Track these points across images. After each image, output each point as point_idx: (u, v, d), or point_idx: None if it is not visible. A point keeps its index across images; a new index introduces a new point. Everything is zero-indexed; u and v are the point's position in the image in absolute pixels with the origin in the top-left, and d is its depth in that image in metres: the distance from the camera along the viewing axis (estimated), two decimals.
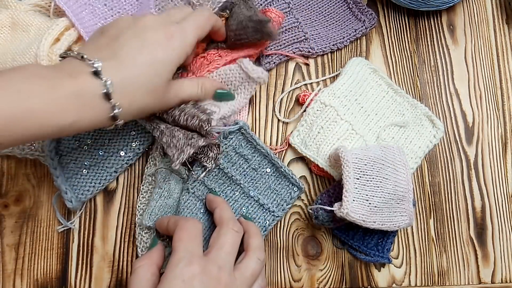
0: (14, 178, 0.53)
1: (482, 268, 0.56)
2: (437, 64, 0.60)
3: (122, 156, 0.51)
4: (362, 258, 0.53)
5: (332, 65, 0.59)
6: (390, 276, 0.55)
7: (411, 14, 0.61)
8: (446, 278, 0.55)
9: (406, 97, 0.57)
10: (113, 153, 0.51)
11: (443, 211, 0.57)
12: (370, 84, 0.56)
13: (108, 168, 0.51)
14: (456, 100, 0.59)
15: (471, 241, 0.56)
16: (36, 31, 0.50)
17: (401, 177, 0.48)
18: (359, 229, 0.52)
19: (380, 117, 0.56)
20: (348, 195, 0.46)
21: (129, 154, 0.52)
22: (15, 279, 0.51)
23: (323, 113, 0.54)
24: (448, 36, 0.61)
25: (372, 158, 0.48)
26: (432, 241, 0.56)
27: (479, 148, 0.58)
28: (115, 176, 0.52)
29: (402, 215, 0.49)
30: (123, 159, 0.52)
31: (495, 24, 0.62)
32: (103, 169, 0.51)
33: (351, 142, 0.54)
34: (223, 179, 0.52)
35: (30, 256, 0.52)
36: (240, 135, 0.52)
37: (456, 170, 0.58)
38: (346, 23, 0.60)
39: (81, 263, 0.52)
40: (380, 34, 0.60)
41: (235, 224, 0.44)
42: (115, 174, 0.52)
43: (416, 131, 0.56)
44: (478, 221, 0.57)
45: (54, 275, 0.52)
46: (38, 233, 0.52)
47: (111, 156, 0.51)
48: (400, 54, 0.60)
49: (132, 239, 0.52)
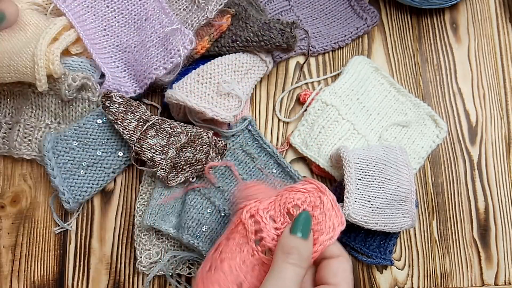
0: (11, 179, 0.53)
1: (485, 270, 0.55)
2: (440, 62, 0.60)
3: (120, 156, 0.51)
4: (364, 260, 0.53)
5: (334, 63, 0.58)
6: (392, 278, 0.54)
7: (414, 12, 0.61)
8: (449, 280, 0.55)
9: (409, 96, 0.56)
10: (111, 154, 0.51)
11: (446, 212, 0.56)
12: (372, 83, 0.56)
13: (106, 169, 0.51)
14: (460, 99, 0.59)
15: (474, 243, 0.56)
16: (34, 30, 0.50)
17: (404, 177, 0.48)
18: (361, 230, 0.52)
19: (382, 117, 0.55)
20: (350, 196, 0.45)
21: (128, 155, 0.51)
22: (12, 281, 0.51)
23: (324, 112, 0.54)
24: (451, 34, 0.61)
25: (374, 159, 0.47)
26: (435, 242, 0.55)
27: (482, 148, 0.58)
28: (113, 176, 0.51)
29: (405, 216, 0.49)
30: (121, 159, 0.51)
31: (498, 22, 0.62)
32: (100, 169, 0.51)
33: (353, 142, 0.53)
34: (230, 178, 0.51)
35: (26, 257, 0.51)
36: (247, 133, 0.52)
37: (460, 170, 0.57)
38: (347, 21, 0.59)
39: (78, 265, 0.51)
40: (382, 32, 0.60)
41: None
42: (113, 174, 0.51)
43: (419, 131, 0.56)
44: (482, 223, 0.56)
45: (51, 277, 0.51)
46: (35, 234, 0.52)
47: (109, 156, 0.51)
48: (403, 52, 0.59)
49: (130, 240, 0.52)
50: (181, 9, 0.53)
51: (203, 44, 0.51)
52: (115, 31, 0.53)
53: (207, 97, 0.49)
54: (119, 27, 0.53)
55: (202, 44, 0.51)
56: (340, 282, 0.36)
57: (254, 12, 0.52)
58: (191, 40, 0.49)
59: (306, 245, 0.36)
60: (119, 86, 0.51)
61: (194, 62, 0.53)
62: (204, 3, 0.51)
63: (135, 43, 0.52)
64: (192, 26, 0.50)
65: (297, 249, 0.35)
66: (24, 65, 0.46)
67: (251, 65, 0.51)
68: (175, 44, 0.49)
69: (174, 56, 0.49)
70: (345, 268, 0.38)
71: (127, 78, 0.52)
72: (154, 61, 0.50)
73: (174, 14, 0.52)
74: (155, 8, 0.52)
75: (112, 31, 0.53)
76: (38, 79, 0.46)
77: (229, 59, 0.51)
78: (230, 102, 0.50)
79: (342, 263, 0.38)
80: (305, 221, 0.36)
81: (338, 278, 0.37)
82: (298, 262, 0.35)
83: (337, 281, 0.36)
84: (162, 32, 0.51)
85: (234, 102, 0.50)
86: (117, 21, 0.53)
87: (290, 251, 0.35)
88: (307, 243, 0.36)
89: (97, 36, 0.52)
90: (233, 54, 0.51)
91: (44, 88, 0.47)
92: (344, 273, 0.37)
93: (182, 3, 0.53)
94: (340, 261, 0.38)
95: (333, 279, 0.37)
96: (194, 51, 0.51)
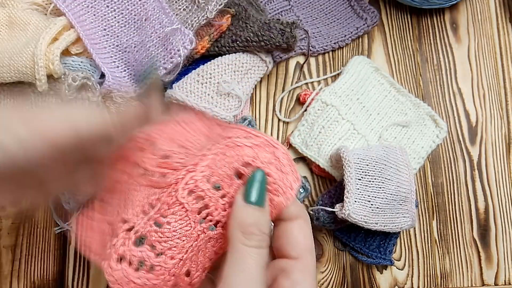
0: None
1: (485, 270, 0.55)
2: (440, 62, 0.60)
3: None
4: (364, 260, 0.53)
5: (334, 63, 0.58)
6: (392, 278, 0.54)
7: (414, 12, 0.61)
8: (449, 280, 0.55)
9: (409, 96, 0.56)
10: None
11: (446, 212, 0.56)
12: (372, 83, 0.56)
13: None
14: (460, 99, 0.59)
15: (474, 243, 0.56)
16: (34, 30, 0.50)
17: (404, 177, 0.48)
18: (361, 230, 0.52)
19: (382, 117, 0.55)
20: (350, 196, 0.45)
21: None
22: (12, 281, 0.51)
23: (324, 112, 0.54)
24: (451, 34, 0.61)
25: (374, 159, 0.47)
26: (435, 242, 0.55)
27: (482, 148, 0.58)
28: None
29: (405, 216, 0.49)
30: None
31: (498, 22, 0.62)
32: None
33: (353, 142, 0.53)
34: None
35: (27, 258, 0.51)
36: None
37: (460, 170, 0.57)
38: (347, 21, 0.59)
39: (78, 265, 0.51)
40: (382, 32, 0.60)
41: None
42: None
43: (419, 131, 0.56)
44: (482, 223, 0.56)
45: (51, 277, 0.51)
46: (35, 234, 0.52)
47: None
48: (403, 52, 0.59)
49: None
50: (181, 9, 0.53)
51: (203, 44, 0.51)
52: (115, 31, 0.53)
53: (207, 97, 0.49)
54: (119, 27, 0.53)
55: (202, 44, 0.51)
56: (303, 253, 0.30)
57: (254, 12, 0.52)
58: (191, 40, 0.49)
59: (264, 216, 0.29)
60: (119, 86, 0.51)
61: (194, 62, 0.52)
62: (204, 3, 0.50)
63: (135, 43, 0.52)
64: (192, 26, 0.50)
65: (257, 225, 0.28)
66: (24, 65, 0.46)
67: (251, 65, 0.51)
68: (175, 44, 0.49)
69: (174, 56, 0.49)
70: (306, 234, 0.31)
71: (127, 78, 0.52)
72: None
73: (174, 14, 0.52)
74: (155, 8, 0.52)
75: (112, 31, 0.53)
76: (38, 79, 0.46)
77: (229, 59, 0.51)
78: (230, 102, 0.50)
79: (302, 228, 0.31)
80: (261, 183, 0.29)
81: (300, 249, 0.30)
82: (260, 243, 0.28)
83: (299, 252, 0.30)
84: (162, 32, 0.50)
85: (234, 102, 0.50)
86: (117, 21, 0.53)
87: (250, 230, 0.28)
88: (265, 211, 0.29)
89: (97, 36, 0.52)
90: (233, 54, 0.51)
91: (44, 88, 0.47)
92: (306, 241, 0.31)
93: (182, 3, 0.53)
94: (300, 226, 0.31)
95: (294, 250, 0.30)
96: (194, 51, 0.51)
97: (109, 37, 0.53)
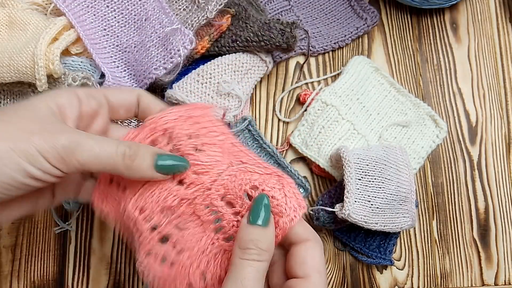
0: None
1: (485, 270, 0.55)
2: (440, 62, 0.60)
3: None
4: (364, 260, 0.52)
5: (334, 63, 0.58)
6: (392, 278, 0.54)
7: (414, 12, 0.61)
8: (449, 280, 0.55)
9: (409, 96, 0.56)
10: None
11: (446, 212, 0.56)
12: (372, 83, 0.56)
13: None
14: (460, 99, 0.59)
15: (474, 243, 0.56)
16: (34, 30, 0.50)
17: (404, 177, 0.48)
18: (361, 230, 0.52)
19: (382, 117, 0.55)
20: (350, 196, 0.45)
21: None
22: (12, 281, 0.51)
23: (324, 112, 0.54)
24: (451, 34, 0.61)
25: (374, 159, 0.47)
26: (435, 242, 0.55)
27: (482, 148, 0.58)
28: None
29: (405, 216, 0.49)
30: None
31: (498, 22, 0.62)
32: None
33: (353, 142, 0.53)
34: None
35: (26, 257, 0.51)
36: (247, 133, 0.52)
37: (460, 170, 0.57)
38: (347, 21, 0.59)
39: (78, 265, 0.51)
40: (382, 32, 0.60)
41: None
42: None
43: (419, 131, 0.56)
44: (482, 223, 0.56)
45: (51, 277, 0.51)
46: (35, 234, 0.52)
47: None
48: (403, 52, 0.59)
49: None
50: (181, 9, 0.53)
51: (203, 44, 0.51)
52: (115, 31, 0.53)
53: (207, 97, 0.49)
54: (119, 27, 0.53)
55: (202, 44, 0.51)
56: (310, 273, 0.32)
57: (254, 12, 0.52)
58: (191, 40, 0.49)
59: (265, 234, 0.31)
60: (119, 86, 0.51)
61: (194, 62, 0.52)
62: (204, 3, 0.50)
63: (135, 43, 0.52)
64: (192, 26, 0.50)
65: (255, 242, 0.30)
66: (24, 65, 0.46)
67: (251, 65, 0.51)
68: (175, 44, 0.49)
69: (174, 56, 0.49)
70: (314, 255, 0.32)
71: (127, 78, 0.52)
72: (154, 61, 0.50)
73: (174, 14, 0.52)
74: (155, 8, 0.52)
75: (112, 31, 0.53)
76: (38, 79, 0.46)
77: (229, 59, 0.51)
78: (230, 102, 0.50)
79: (311, 248, 0.33)
80: (265, 205, 0.32)
81: (307, 268, 0.32)
82: (257, 257, 0.30)
83: (306, 272, 0.32)
84: (162, 32, 0.50)
85: (234, 102, 0.50)
86: (117, 21, 0.53)
87: (248, 245, 0.30)
88: (267, 231, 0.31)
89: (97, 36, 0.52)
90: (233, 54, 0.51)
91: (44, 88, 0.47)
92: (313, 261, 0.32)
93: (182, 3, 0.53)
94: (308, 247, 0.33)
95: (301, 270, 0.32)
96: (194, 51, 0.51)
97: (109, 37, 0.53)
